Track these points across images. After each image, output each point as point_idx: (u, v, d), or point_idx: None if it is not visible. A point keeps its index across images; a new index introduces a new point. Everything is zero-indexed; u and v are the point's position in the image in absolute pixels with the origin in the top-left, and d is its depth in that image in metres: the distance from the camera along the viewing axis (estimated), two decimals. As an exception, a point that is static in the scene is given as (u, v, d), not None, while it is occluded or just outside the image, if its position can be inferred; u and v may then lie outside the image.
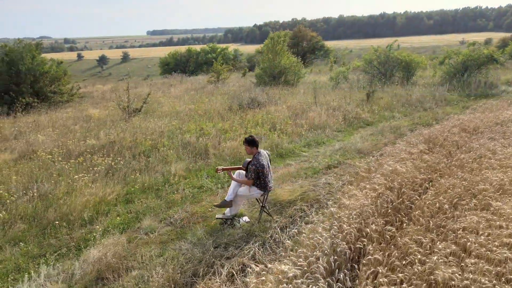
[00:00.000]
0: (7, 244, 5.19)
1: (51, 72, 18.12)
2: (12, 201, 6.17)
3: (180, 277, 4.11)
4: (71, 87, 19.24)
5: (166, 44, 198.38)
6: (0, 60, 17.29)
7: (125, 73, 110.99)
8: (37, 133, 10.63)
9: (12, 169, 7.68)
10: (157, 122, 11.53)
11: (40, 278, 4.22)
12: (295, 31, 52.78)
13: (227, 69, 26.31)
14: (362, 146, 8.83)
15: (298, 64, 21.79)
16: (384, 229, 4.17)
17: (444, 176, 5.83)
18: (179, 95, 19.09)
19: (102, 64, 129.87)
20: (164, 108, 14.75)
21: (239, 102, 13.88)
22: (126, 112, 13.68)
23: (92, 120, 12.93)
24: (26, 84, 17.10)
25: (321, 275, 3.46)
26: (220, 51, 49.03)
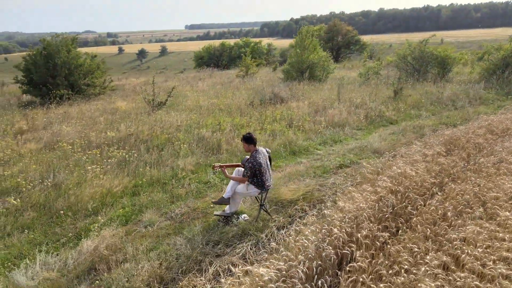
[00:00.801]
0: (16, 230, 5.45)
1: (85, 66, 18.82)
2: (28, 189, 6.48)
3: (166, 273, 4.13)
4: (104, 80, 19.91)
5: (203, 38, 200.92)
6: (38, 54, 18.17)
7: (163, 67, 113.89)
8: (63, 124, 11.08)
9: (33, 158, 8.06)
10: (177, 116, 11.69)
11: (36, 265, 4.40)
12: (330, 25, 51.76)
13: (256, 64, 26.24)
14: (379, 145, 8.50)
15: (327, 59, 21.34)
16: (377, 235, 3.97)
17: (457, 181, 5.48)
18: (206, 89, 19.28)
19: (141, 57, 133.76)
20: (188, 102, 14.93)
21: (261, 98, 13.79)
22: (151, 105, 14.01)
23: (118, 113, 13.32)
24: (61, 77, 17.89)
25: (300, 280, 3.35)
26: (253, 45, 48.99)
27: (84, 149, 8.58)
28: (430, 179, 5.39)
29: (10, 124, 11.94)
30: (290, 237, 4.20)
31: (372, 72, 20.06)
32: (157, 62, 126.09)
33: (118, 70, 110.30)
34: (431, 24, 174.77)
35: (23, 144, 9.51)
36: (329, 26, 51.92)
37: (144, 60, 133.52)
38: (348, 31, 50.87)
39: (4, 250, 4.97)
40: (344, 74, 24.32)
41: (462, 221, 4.16)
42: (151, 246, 4.87)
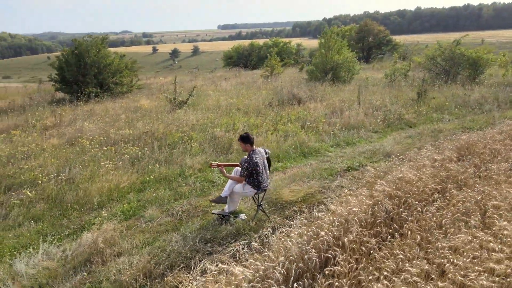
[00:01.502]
0: (27, 221, 5.77)
1: (113, 65, 19.49)
2: (43, 182, 6.83)
3: (155, 268, 4.25)
4: (131, 79, 20.54)
5: (235, 38, 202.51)
6: (70, 53, 19.01)
7: (194, 66, 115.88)
8: (85, 121, 11.56)
9: (53, 153, 8.47)
10: (194, 115, 11.90)
11: (38, 254, 4.64)
12: (361, 25, 50.84)
13: (282, 64, 26.20)
14: (392, 149, 8.30)
15: (353, 60, 20.98)
16: (364, 240, 3.91)
17: (463, 187, 5.27)
18: (229, 89, 19.45)
19: (174, 57, 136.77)
20: (208, 101, 15.14)
21: (279, 98, 13.78)
22: (172, 104, 14.33)
23: (139, 111, 13.72)
24: (91, 75, 18.62)
25: (276, 281, 3.36)
26: (282, 45, 48.91)
27: (101, 146, 8.92)
28: (433, 185, 5.21)
29: (40, 120, 12.60)
30: (273, 238, 4.20)
31: (399, 74, 19.52)
32: (188, 62, 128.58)
33: (152, 69, 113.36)
34: (472, 23, 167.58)
35: (47, 139, 10.02)
36: (360, 26, 51.03)
37: (177, 59, 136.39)
38: (380, 31, 49.75)
39: (14, 239, 5.27)
40: (370, 75, 23.82)
41: (457, 229, 4.01)
42: (147, 241, 5.02)
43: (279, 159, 8.17)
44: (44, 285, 4.18)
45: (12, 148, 9.12)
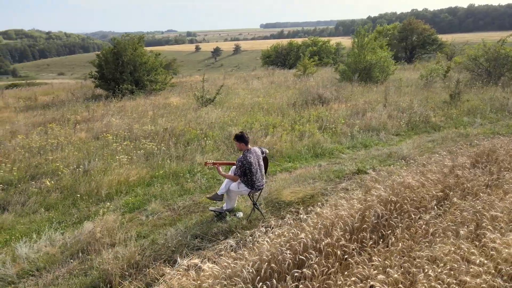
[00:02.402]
0: (42, 208, 6.19)
1: (148, 63, 20.22)
2: (63, 173, 7.28)
3: (143, 260, 4.41)
4: (165, 77, 21.20)
5: (277, 37, 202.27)
6: (109, 51, 19.96)
7: (235, 65, 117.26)
8: (114, 117, 12.11)
9: (77, 146, 8.98)
10: (217, 113, 12.10)
11: (41, 241, 4.98)
12: (404, 24, 49.01)
13: (319, 63, 25.90)
14: (408, 152, 7.99)
15: (388, 60, 20.32)
16: (342, 244, 3.83)
17: (467, 196, 5.00)
18: (258, 88, 19.55)
19: (216, 55, 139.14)
20: (234, 100, 15.31)
21: (304, 98, 13.66)
22: (199, 102, 14.66)
23: (167, 108, 14.15)
24: (127, 73, 19.44)
25: (244, 280, 3.39)
26: (321, 44, 48.31)
27: (124, 140, 9.32)
28: (434, 191, 4.99)
29: (74, 114, 13.37)
30: (249, 237, 4.22)
31: (435, 74, 18.65)
32: (229, 60, 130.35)
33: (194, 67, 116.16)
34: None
35: (76, 133, 10.62)
36: (404, 25, 49.19)
37: (218, 58, 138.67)
38: (425, 29, 47.64)
39: (26, 225, 5.68)
40: (408, 75, 22.95)
41: (445, 239, 3.82)
42: (144, 234, 5.23)
43: (290, 159, 8.14)
44: (41, 269, 4.49)
45: (43, 140, 9.76)
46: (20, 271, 4.42)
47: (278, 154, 8.33)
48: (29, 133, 11.11)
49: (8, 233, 5.46)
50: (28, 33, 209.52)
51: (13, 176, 7.35)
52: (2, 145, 9.69)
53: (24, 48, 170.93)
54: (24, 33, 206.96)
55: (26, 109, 17.32)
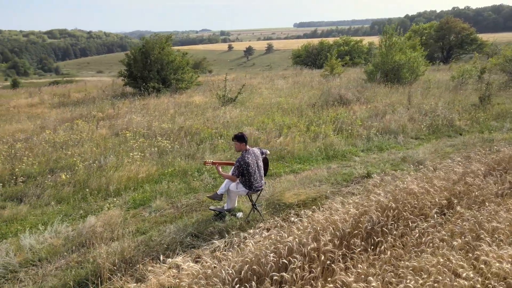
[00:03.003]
0: (55, 201, 6.47)
1: (175, 62, 20.63)
2: (79, 168, 7.57)
3: (135, 255, 4.51)
4: (191, 75, 21.55)
5: (310, 36, 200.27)
6: (138, 50, 20.54)
7: (267, 64, 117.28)
8: (135, 114, 12.45)
9: (96, 142, 9.31)
10: (236, 112, 12.17)
11: (46, 232, 5.21)
12: (441, 22, 47.19)
13: (343, 64, 25.46)
14: (424, 157, 7.68)
15: (417, 61, 19.62)
16: (327, 249, 3.75)
17: (472, 205, 4.75)
18: (283, 88, 19.47)
19: (248, 54, 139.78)
20: (256, 99, 15.33)
21: (325, 98, 13.47)
22: (221, 101, 14.80)
23: (188, 106, 14.38)
24: (154, 71, 19.93)
25: (222, 281, 3.40)
26: (353, 44, 47.41)
27: (140, 138, 9.57)
28: (437, 199, 4.78)
29: (100, 111, 13.87)
30: (235, 238, 4.21)
31: (468, 76, 17.81)
32: (261, 60, 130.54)
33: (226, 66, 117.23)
34: None
35: (98, 129, 11.01)
36: (441, 23, 47.37)
37: (250, 57, 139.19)
38: (463, 28, 45.62)
39: (37, 216, 5.96)
40: (440, 76, 22.08)
41: (437, 250, 3.66)
42: (144, 230, 5.35)
43: (301, 161, 8.05)
44: (43, 259, 4.69)
45: (67, 135, 10.20)
46: (23, 261, 4.65)
47: (289, 155, 8.26)
48: (56, 128, 11.65)
49: (20, 223, 5.76)
50: (71, 32, 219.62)
51: (33, 170, 7.74)
52: (30, 140, 10.23)
53: (66, 47, 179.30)
54: (67, 32, 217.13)
55: (59, 105, 18.15)
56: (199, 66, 47.24)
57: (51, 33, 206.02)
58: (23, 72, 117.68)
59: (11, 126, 13.00)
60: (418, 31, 48.35)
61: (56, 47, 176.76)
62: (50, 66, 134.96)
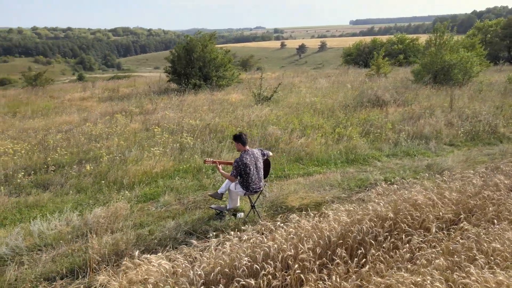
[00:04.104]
0: (75, 190, 6.88)
1: (217, 60, 20.98)
2: (103, 160, 7.98)
3: (126, 248, 4.66)
4: (232, 73, 21.80)
5: (366, 34, 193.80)
6: (181, 48, 21.17)
7: (319, 62, 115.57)
8: (168, 110, 12.85)
9: (125, 136, 9.74)
10: (266, 111, 12.11)
11: (57, 220, 5.54)
12: (509, 19, 43.46)
13: (390, 63, 24.35)
14: (452, 165, 7.12)
15: (471, 61, 18.23)
16: (302, 258, 3.61)
17: (482, 221, 4.31)
18: (322, 87, 19.06)
19: (300, 52, 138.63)
20: (291, 99, 15.14)
21: (360, 99, 12.98)
22: (256, 99, 14.82)
23: (223, 104, 14.56)
24: (196, 69, 20.44)
25: (190, 281, 3.40)
26: (408, 42, 45.19)
27: (166, 133, 9.87)
28: (442, 212, 4.40)
29: (138, 107, 14.51)
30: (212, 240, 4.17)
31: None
32: (314, 58, 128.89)
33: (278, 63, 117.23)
34: None
35: (132, 123, 11.52)
36: (509, 20, 43.67)
37: (303, 55, 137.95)
38: (534, 26, 41.68)
39: (56, 204, 6.36)
40: (498, 78, 20.35)
41: (421, 267, 3.37)
42: (145, 224, 5.51)
43: (318, 163, 7.83)
44: (48, 245, 5.01)
45: (102, 128, 10.78)
46: (30, 245, 4.99)
47: (308, 157, 8.07)
48: (97, 121, 12.37)
49: (39, 210, 6.18)
50: (133, 30, 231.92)
51: (64, 160, 8.28)
52: (70, 131, 10.96)
53: (128, 44, 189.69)
54: (129, 30, 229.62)
55: (107, 99, 19.25)
56: (247, 64, 47.62)
57: (115, 31, 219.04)
58: (88, 67, 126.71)
59: (60, 118, 13.99)
60: (482, 29, 44.99)
61: (119, 44, 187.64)
62: (112, 62, 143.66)
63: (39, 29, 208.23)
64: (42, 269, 4.43)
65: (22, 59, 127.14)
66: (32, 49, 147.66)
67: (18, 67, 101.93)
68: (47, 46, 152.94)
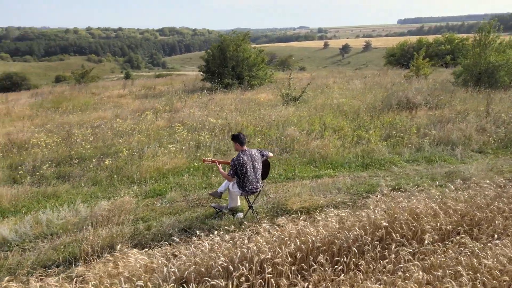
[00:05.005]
0: (90, 183, 7.19)
1: (250, 59, 21.06)
2: (122, 155, 8.28)
3: (120, 241, 4.79)
4: (265, 72, 21.80)
5: (415, 33, 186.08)
6: (216, 47, 21.48)
7: (363, 62, 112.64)
8: (195, 108, 13.09)
9: (146, 132, 10.04)
10: (291, 111, 12.00)
11: (67, 210, 5.83)
12: None
13: (432, 64, 23.21)
14: (473, 174, 6.66)
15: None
16: (276, 262, 3.53)
17: (483, 234, 3.99)
18: (355, 88, 18.56)
19: (344, 52, 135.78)
20: (319, 99, 14.88)
21: (388, 102, 12.49)
22: (284, 99, 14.73)
23: (250, 103, 14.60)
24: (229, 68, 20.65)
25: (163, 278, 3.44)
26: (457, 42, 42.89)
27: (186, 131, 10.05)
28: (440, 223, 4.13)
29: (168, 104, 14.90)
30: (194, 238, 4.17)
31: None
32: (358, 58, 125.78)
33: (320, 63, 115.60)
34: None
35: (157, 121, 11.86)
36: None
37: (346, 55, 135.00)
38: None
39: (71, 195, 6.69)
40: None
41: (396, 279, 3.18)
42: (147, 219, 5.65)
43: (332, 166, 7.63)
44: (54, 234, 5.27)
45: (129, 124, 11.19)
46: (38, 233, 5.28)
47: (322, 159, 7.89)
48: (127, 117, 12.87)
49: (55, 200, 6.53)
50: (179, 30, 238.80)
51: (87, 153, 8.69)
52: (99, 127, 11.48)
53: (173, 43, 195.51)
54: (175, 30, 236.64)
55: (143, 97, 19.96)
56: (285, 63, 47.37)
57: (162, 31, 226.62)
58: (136, 65, 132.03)
59: (96, 114, 14.71)
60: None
61: (165, 43, 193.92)
62: (158, 60, 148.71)
63: (93, 29, 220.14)
64: (43, 256, 4.67)
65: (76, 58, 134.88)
66: (86, 48, 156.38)
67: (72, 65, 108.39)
68: (99, 45, 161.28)
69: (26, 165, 8.07)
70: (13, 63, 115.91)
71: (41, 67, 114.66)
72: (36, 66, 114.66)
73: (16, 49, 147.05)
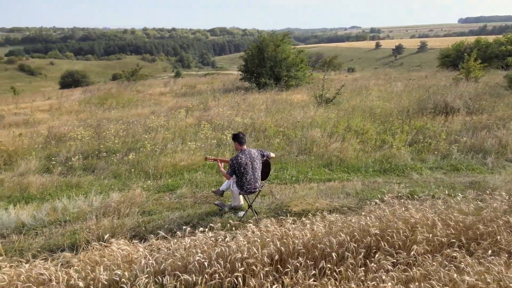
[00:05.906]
0: (112, 175, 7.60)
1: (289, 59, 20.99)
2: (145, 150, 8.65)
3: (120, 233, 5.03)
4: (304, 73, 21.61)
5: (476, 33, 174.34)
6: (255, 47, 21.65)
7: (417, 64, 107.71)
8: (225, 107, 13.31)
9: (172, 129, 10.37)
10: (321, 113, 11.83)
11: (80, 199, 6.21)
12: None
13: (482, 66, 21.67)
14: (497, 185, 6.17)
15: None
16: (251, 262, 3.53)
17: (479, 249, 3.70)
18: (396, 91, 17.85)
19: (396, 53, 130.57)
20: (353, 101, 14.50)
21: (423, 105, 11.88)
22: (318, 100, 14.56)
23: (282, 104, 14.57)
24: (267, 68, 20.72)
25: (141, 270, 3.58)
26: (520, 43, 39.71)
27: (212, 129, 10.27)
28: (431, 235, 3.90)
29: (203, 103, 15.27)
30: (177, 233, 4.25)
31: None
32: (411, 59, 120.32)
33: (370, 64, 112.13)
34: None
35: (187, 118, 12.21)
36: None
37: (399, 56, 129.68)
38: None
39: (93, 186, 7.11)
40: None
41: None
42: (153, 212, 5.87)
43: (348, 170, 7.43)
44: (67, 221, 5.65)
45: (159, 121, 11.63)
46: (53, 219, 5.69)
47: (339, 162, 7.72)
48: (160, 115, 13.39)
49: (78, 190, 6.98)
50: (229, 30, 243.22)
51: (116, 148, 9.18)
52: (133, 123, 12.05)
53: (223, 43, 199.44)
54: (226, 30, 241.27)
55: (182, 95, 20.63)
56: (330, 64, 46.52)
57: (213, 31, 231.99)
58: (186, 65, 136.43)
59: (135, 110, 15.47)
60: None
61: (215, 43, 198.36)
62: (208, 60, 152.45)
63: (149, 29, 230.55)
64: (52, 241, 5.03)
65: (132, 57, 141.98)
66: (141, 47, 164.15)
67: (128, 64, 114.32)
68: (154, 45, 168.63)
69: (60, 156, 8.69)
70: (76, 62, 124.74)
71: (100, 65, 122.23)
72: (96, 65, 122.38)
73: (79, 49, 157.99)
